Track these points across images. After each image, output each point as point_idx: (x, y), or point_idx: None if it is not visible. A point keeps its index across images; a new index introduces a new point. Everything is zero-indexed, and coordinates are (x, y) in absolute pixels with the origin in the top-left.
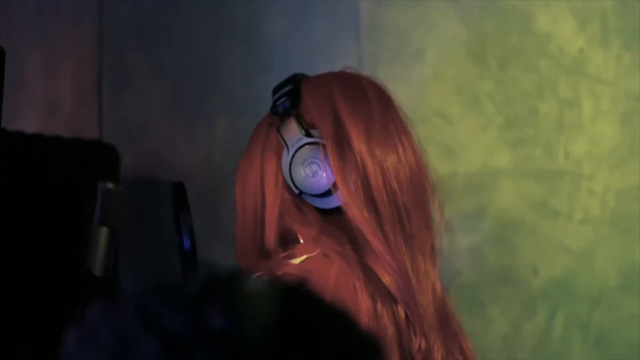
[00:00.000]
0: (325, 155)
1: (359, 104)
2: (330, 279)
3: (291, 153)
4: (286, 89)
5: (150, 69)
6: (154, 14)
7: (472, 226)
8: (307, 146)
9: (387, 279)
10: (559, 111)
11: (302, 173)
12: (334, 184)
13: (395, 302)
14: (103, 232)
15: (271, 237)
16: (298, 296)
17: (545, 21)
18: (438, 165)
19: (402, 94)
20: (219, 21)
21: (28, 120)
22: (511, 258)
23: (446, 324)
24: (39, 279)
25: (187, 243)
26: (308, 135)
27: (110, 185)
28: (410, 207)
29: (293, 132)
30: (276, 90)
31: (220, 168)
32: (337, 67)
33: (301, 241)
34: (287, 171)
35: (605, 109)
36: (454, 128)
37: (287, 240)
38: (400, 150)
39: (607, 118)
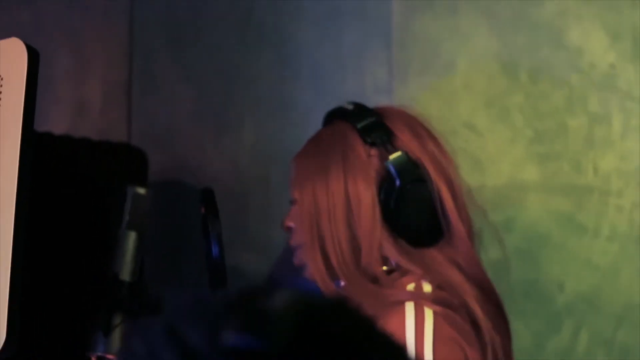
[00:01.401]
0: (437, 193)
1: (436, 140)
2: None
3: (401, 186)
4: (371, 119)
5: (179, 72)
6: (184, 17)
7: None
8: (417, 183)
9: (490, 308)
10: (588, 126)
11: (412, 209)
12: (442, 216)
13: (496, 329)
14: (131, 237)
15: (375, 262)
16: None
17: (576, 36)
18: (466, 176)
19: (432, 105)
20: (248, 26)
21: (56, 121)
22: (537, 273)
23: None
24: (65, 282)
25: (215, 250)
26: (416, 169)
27: (139, 189)
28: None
29: (402, 165)
30: (354, 118)
31: (247, 174)
32: (367, 76)
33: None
34: (392, 204)
35: (635, 125)
36: (483, 140)
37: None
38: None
39: (636, 134)
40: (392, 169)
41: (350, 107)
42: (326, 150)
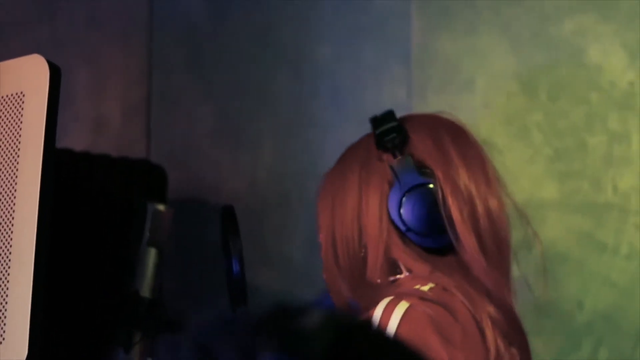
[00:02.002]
0: (441, 195)
1: (464, 148)
2: (460, 314)
3: (404, 190)
4: (391, 124)
5: (198, 90)
6: (203, 35)
7: (517, 257)
8: (421, 186)
9: (499, 318)
10: (607, 145)
11: (415, 211)
12: (447, 224)
13: (510, 343)
14: (151, 254)
15: (376, 270)
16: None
17: (596, 54)
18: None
19: None
20: (267, 44)
21: (76, 138)
22: (556, 291)
23: None
24: (85, 298)
25: (236, 267)
26: (422, 173)
27: (159, 206)
28: (505, 247)
29: (406, 169)
30: (377, 124)
31: (265, 192)
32: (385, 94)
33: (405, 272)
34: (396, 208)
35: None
36: (502, 158)
37: (387, 271)
38: (497, 196)
39: None
40: (394, 173)
41: (380, 114)
42: (349, 157)
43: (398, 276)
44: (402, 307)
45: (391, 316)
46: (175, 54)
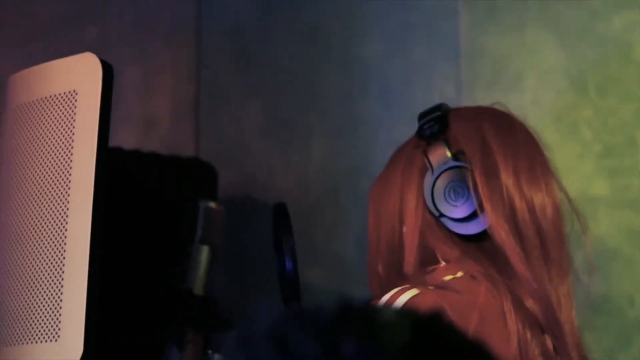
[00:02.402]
0: (472, 181)
1: (508, 138)
2: (479, 299)
3: (435, 175)
4: (434, 114)
5: (247, 88)
6: (252, 32)
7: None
8: (453, 169)
9: (532, 306)
10: None
11: (446, 196)
12: (478, 210)
13: (542, 331)
14: (204, 251)
15: (410, 259)
16: (432, 326)
17: None
18: None
19: None
20: (315, 41)
21: (125, 137)
22: (607, 287)
23: (582, 356)
24: (138, 297)
25: (289, 265)
26: (455, 159)
27: (211, 204)
28: (553, 239)
29: (440, 155)
30: (422, 116)
31: (315, 189)
32: (435, 92)
33: (442, 263)
34: (430, 193)
35: None
36: (552, 155)
37: (425, 263)
38: (544, 190)
39: None
40: (428, 160)
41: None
42: (395, 156)
43: (435, 266)
44: (409, 294)
45: (395, 302)
46: (223, 51)
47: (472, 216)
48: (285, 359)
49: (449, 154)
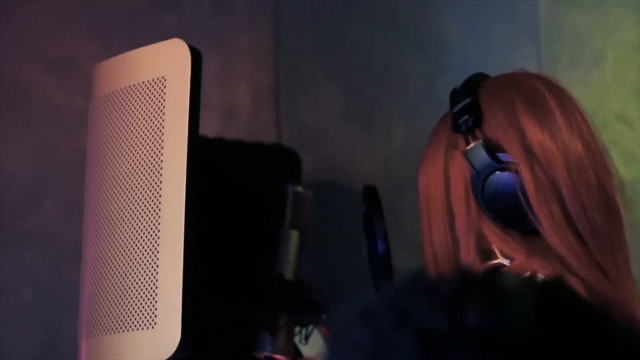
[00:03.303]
0: (519, 182)
1: (544, 119)
2: None
3: (482, 178)
4: (465, 102)
5: (326, 73)
6: (330, 17)
7: None
8: (498, 170)
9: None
10: None
11: (496, 198)
12: (528, 210)
13: None
14: (294, 236)
15: (468, 259)
16: (556, 292)
17: None
18: (619, 170)
19: (581, 98)
20: (394, 24)
21: (206, 125)
22: None
23: None
24: (229, 283)
25: (381, 248)
26: (496, 159)
27: (300, 188)
28: (607, 225)
29: (481, 157)
30: (454, 97)
31: (397, 172)
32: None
33: (501, 259)
34: (480, 196)
35: None
36: (635, 133)
37: (482, 259)
38: (600, 181)
39: None
40: (469, 161)
41: (459, 86)
42: (435, 141)
43: (493, 262)
44: None
45: None
46: (302, 37)
47: (525, 216)
48: (409, 331)
49: (489, 155)
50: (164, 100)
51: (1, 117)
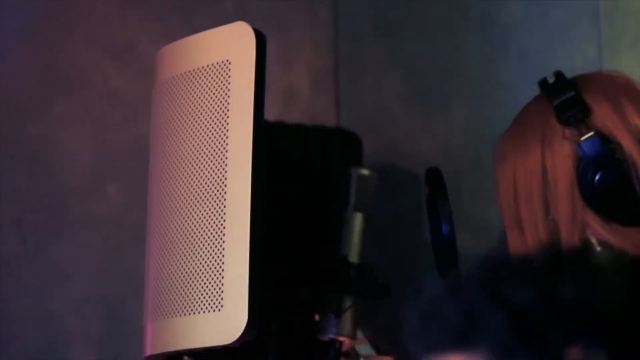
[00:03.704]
0: (635, 170)
1: None
2: None
3: (594, 169)
4: (568, 95)
5: (386, 56)
6: (389, 1)
7: None
8: (613, 165)
9: None
10: None
11: (607, 188)
12: None
13: None
14: (358, 219)
15: (570, 246)
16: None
17: None
18: None
19: None
20: (453, 7)
21: (266, 109)
22: None
23: None
24: (294, 266)
25: (445, 229)
26: (610, 150)
27: (363, 171)
28: None
29: (595, 147)
30: (551, 92)
31: (458, 154)
32: (576, 53)
33: (599, 248)
34: (588, 186)
35: None
36: None
37: None
38: None
39: None
40: (583, 152)
41: (552, 79)
42: (526, 129)
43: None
44: None
45: None
46: (361, 20)
47: (635, 207)
48: (502, 308)
49: (602, 143)
50: (229, 83)
51: (62, 103)
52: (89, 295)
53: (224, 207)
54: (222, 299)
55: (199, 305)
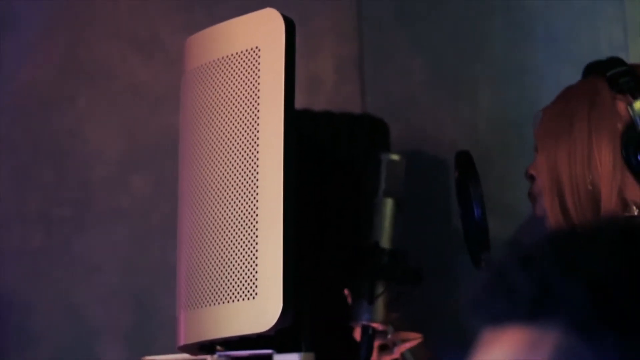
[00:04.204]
0: None
1: None
2: None
3: None
4: (621, 68)
5: (410, 43)
6: None
7: None
8: None
9: None
10: None
11: None
12: None
13: None
14: (388, 204)
15: (616, 209)
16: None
17: None
18: None
19: None
20: None
21: None
22: None
23: None
24: (326, 252)
25: (477, 212)
26: None
27: (393, 156)
28: None
29: None
30: (604, 67)
31: (485, 140)
32: (601, 36)
33: (635, 211)
34: (634, 150)
35: None
36: None
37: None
38: None
39: None
40: (634, 114)
41: (604, 59)
42: (573, 98)
43: (631, 214)
44: None
45: None
46: (385, 7)
47: None
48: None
49: None
50: (259, 70)
51: (86, 96)
52: (116, 288)
53: (256, 194)
54: (256, 286)
55: (233, 294)
